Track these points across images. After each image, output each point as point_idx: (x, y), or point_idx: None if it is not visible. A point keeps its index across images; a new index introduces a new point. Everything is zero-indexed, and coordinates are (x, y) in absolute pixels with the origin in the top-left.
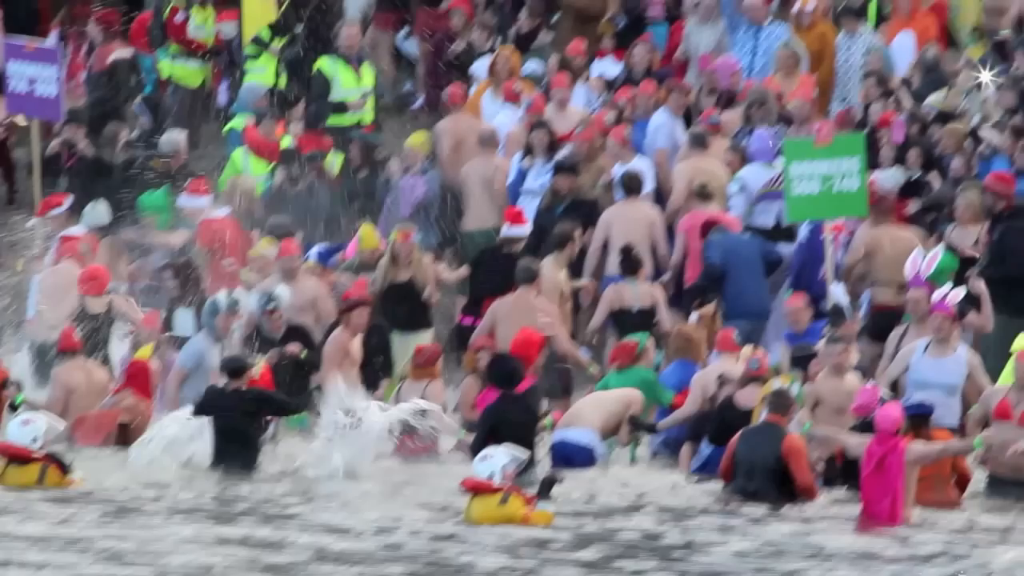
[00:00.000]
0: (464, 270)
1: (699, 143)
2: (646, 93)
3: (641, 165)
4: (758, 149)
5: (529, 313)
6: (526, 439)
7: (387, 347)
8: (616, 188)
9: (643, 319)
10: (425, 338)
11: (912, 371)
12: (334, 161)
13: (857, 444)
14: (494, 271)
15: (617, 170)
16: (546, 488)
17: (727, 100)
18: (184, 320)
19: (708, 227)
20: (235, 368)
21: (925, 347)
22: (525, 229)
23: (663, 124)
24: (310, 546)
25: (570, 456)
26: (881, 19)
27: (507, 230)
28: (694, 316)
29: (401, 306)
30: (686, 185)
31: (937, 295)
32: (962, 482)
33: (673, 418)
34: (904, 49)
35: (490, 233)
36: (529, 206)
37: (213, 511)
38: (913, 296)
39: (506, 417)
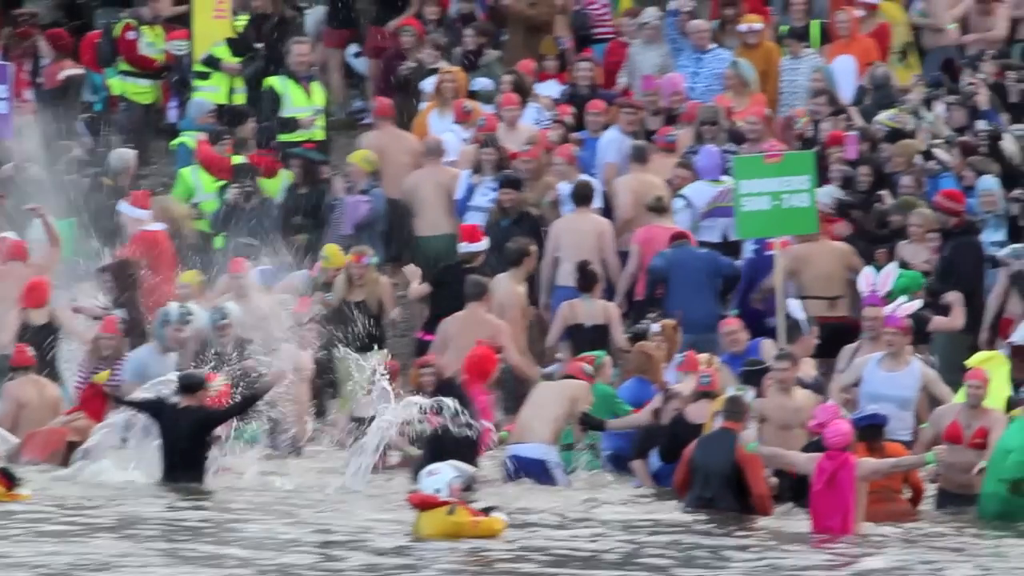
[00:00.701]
0: (425, 287)
1: (639, 157)
2: (595, 111)
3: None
4: (705, 166)
5: (479, 329)
6: (470, 457)
7: (334, 366)
8: (564, 203)
9: (597, 335)
10: (377, 357)
11: (865, 384)
12: (281, 178)
13: (806, 460)
14: (455, 288)
15: (563, 188)
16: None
17: (669, 119)
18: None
19: (674, 240)
20: (190, 384)
21: (879, 360)
22: (482, 245)
23: (614, 140)
24: (249, 561)
25: (524, 470)
26: (825, 41)
27: (465, 247)
28: (655, 327)
29: (354, 325)
30: (631, 198)
31: (889, 308)
32: (915, 495)
33: (625, 421)
34: (846, 70)
35: (445, 239)
36: (476, 222)
37: (154, 526)
38: (868, 313)
39: (450, 435)
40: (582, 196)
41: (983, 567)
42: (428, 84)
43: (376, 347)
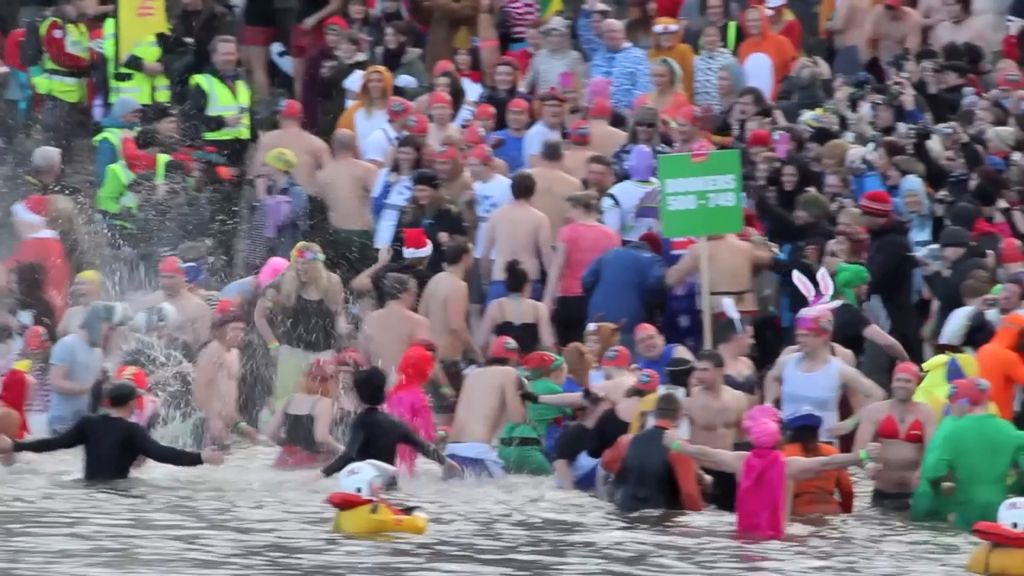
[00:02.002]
0: (367, 280)
1: (551, 155)
2: (517, 108)
3: (499, 185)
4: (636, 166)
5: (400, 325)
6: (391, 455)
7: (267, 365)
8: (479, 203)
9: (525, 334)
10: (323, 357)
11: (785, 384)
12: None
13: (733, 459)
14: None
15: (479, 188)
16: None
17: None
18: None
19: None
20: (120, 396)
21: (799, 360)
22: (427, 250)
23: (538, 134)
24: (169, 557)
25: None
26: (740, 41)
27: (411, 253)
28: (591, 327)
29: (305, 324)
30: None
31: (804, 311)
32: (846, 499)
33: (560, 398)
34: (759, 70)
35: (360, 233)
36: (391, 219)
37: (73, 521)
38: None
39: (374, 432)
40: (523, 188)
41: (903, 567)
42: (351, 83)
43: (325, 348)
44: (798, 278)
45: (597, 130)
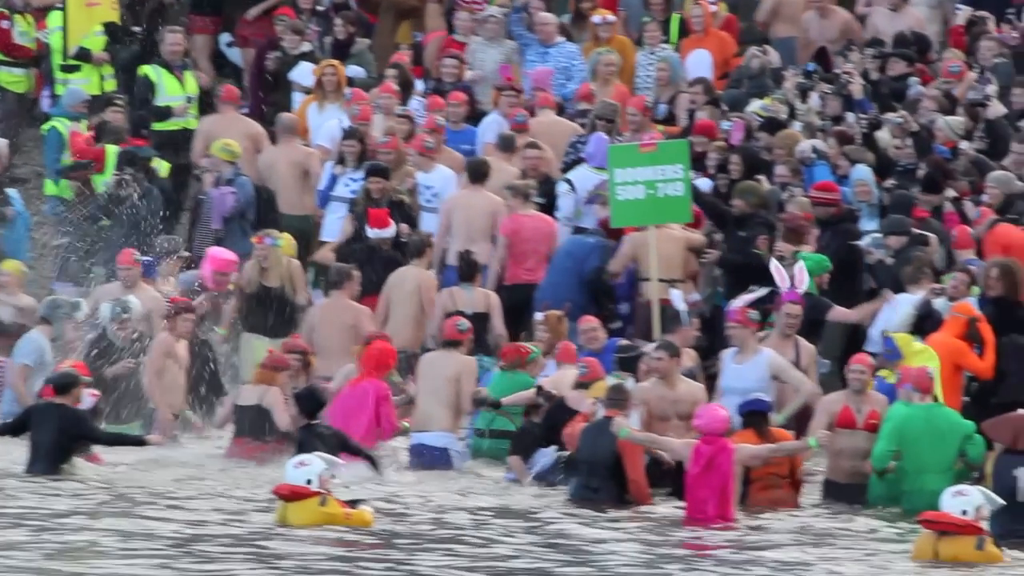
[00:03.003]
0: (330, 252)
1: (506, 146)
2: (456, 101)
3: (441, 175)
4: (593, 152)
5: (343, 315)
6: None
7: (215, 360)
8: (421, 192)
9: (477, 323)
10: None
11: (722, 377)
12: (158, 166)
13: (681, 446)
14: (365, 272)
15: (421, 178)
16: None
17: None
18: None
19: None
20: (63, 384)
21: (734, 353)
22: (391, 231)
23: (493, 123)
24: (111, 548)
25: (428, 459)
26: (683, 36)
27: (375, 233)
28: (538, 316)
29: (266, 311)
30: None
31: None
32: (795, 484)
33: (516, 399)
34: (700, 66)
35: (303, 219)
36: (337, 212)
37: (19, 514)
38: (786, 310)
39: (314, 446)
40: (477, 173)
41: (850, 554)
42: (297, 74)
43: (285, 335)
44: (775, 268)
45: (545, 119)
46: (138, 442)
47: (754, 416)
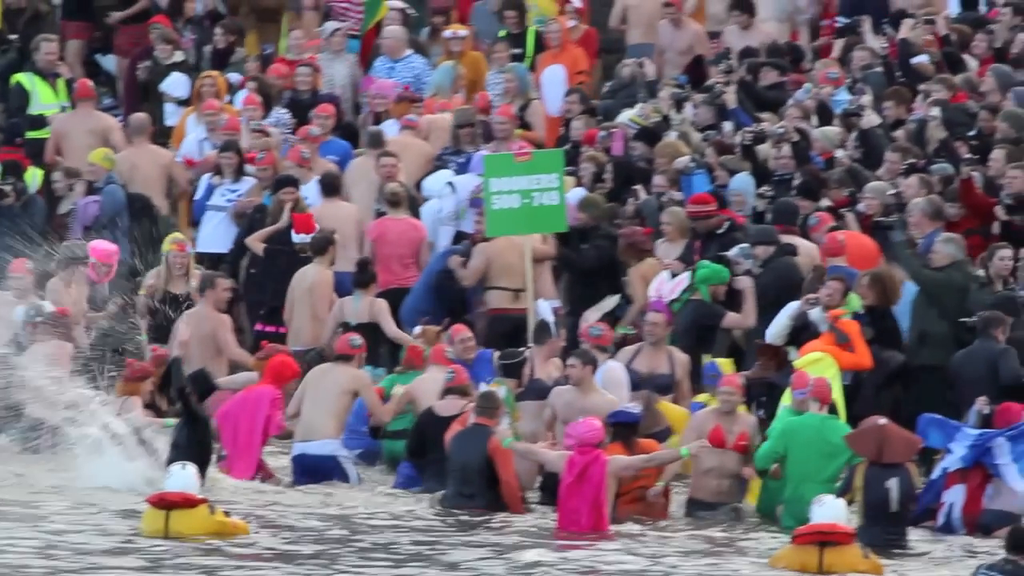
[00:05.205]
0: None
1: (375, 143)
2: (324, 114)
3: (315, 187)
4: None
5: (204, 323)
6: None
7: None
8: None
9: (366, 333)
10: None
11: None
12: (34, 176)
13: (556, 457)
14: (287, 276)
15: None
16: None
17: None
18: None
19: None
20: None
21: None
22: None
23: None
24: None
25: (314, 468)
26: (540, 50)
27: (299, 238)
28: (417, 329)
29: (171, 318)
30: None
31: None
32: (664, 494)
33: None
34: (554, 80)
35: (165, 220)
36: (214, 220)
37: None
38: (650, 319)
39: (193, 441)
40: (329, 187)
41: (716, 565)
42: (168, 85)
43: None
44: (660, 279)
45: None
46: None
47: (622, 428)
